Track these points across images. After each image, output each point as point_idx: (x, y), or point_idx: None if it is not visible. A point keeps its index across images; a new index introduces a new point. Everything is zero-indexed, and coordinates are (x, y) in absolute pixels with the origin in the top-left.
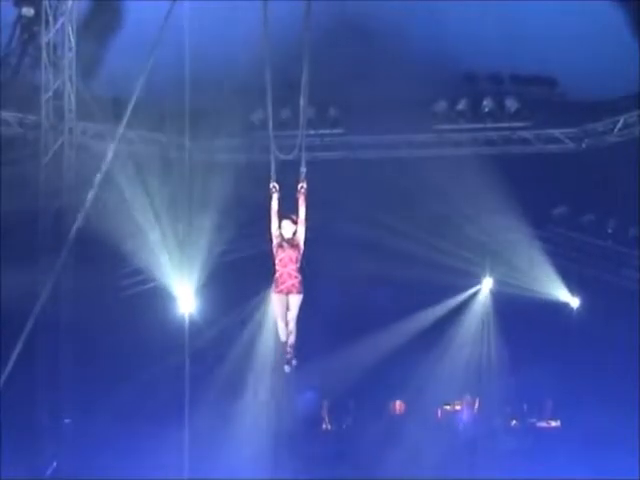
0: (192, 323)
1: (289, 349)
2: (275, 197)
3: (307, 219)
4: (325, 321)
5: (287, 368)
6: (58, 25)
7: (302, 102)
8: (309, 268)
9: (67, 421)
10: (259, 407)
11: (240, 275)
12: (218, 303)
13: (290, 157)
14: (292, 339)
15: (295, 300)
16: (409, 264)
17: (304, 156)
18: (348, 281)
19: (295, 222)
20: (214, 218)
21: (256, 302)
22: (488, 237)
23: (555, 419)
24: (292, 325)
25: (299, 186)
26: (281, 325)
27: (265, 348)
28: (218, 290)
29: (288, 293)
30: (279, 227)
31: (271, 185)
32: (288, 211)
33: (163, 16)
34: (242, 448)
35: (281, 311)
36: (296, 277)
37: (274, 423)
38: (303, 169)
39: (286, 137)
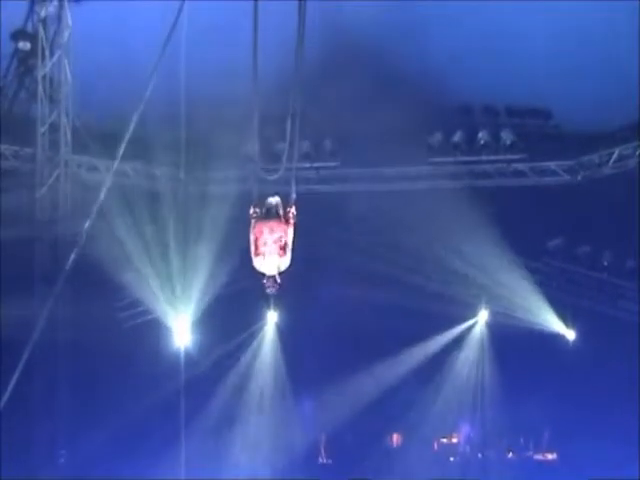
0: (188, 355)
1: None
2: (253, 222)
3: (293, 245)
4: (322, 354)
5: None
6: (54, 59)
7: (290, 127)
8: (305, 301)
9: (62, 452)
10: (255, 440)
11: (236, 307)
12: (214, 335)
13: (274, 177)
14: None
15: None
16: (405, 297)
17: (294, 182)
18: (344, 314)
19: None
20: (209, 250)
21: (251, 334)
22: (484, 269)
23: (552, 451)
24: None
25: (287, 210)
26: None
27: (261, 380)
28: (214, 322)
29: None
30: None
31: (251, 211)
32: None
33: (158, 50)
34: None
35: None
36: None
37: (271, 456)
38: (293, 195)
39: (279, 169)
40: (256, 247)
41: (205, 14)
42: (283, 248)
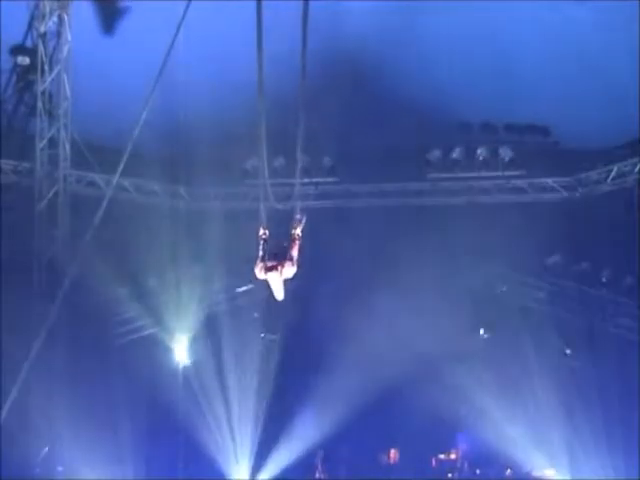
0: (185, 371)
1: None
2: (262, 243)
3: (299, 263)
4: (320, 369)
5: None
6: (53, 74)
7: (298, 151)
8: (303, 317)
9: (60, 469)
10: (253, 455)
11: (234, 323)
12: (212, 351)
13: (286, 207)
14: None
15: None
16: (403, 310)
17: (299, 204)
18: (342, 328)
19: (282, 266)
20: (209, 266)
21: (249, 350)
22: (482, 286)
23: (550, 468)
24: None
25: (293, 232)
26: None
27: (259, 396)
28: (212, 338)
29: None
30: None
31: (261, 232)
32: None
33: (158, 65)
34: None
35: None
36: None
37: (268, 472)
38: (298, 216)
39: (280, 185)
40: (263, 255)
41: (206, 29)
42: (290, 258)
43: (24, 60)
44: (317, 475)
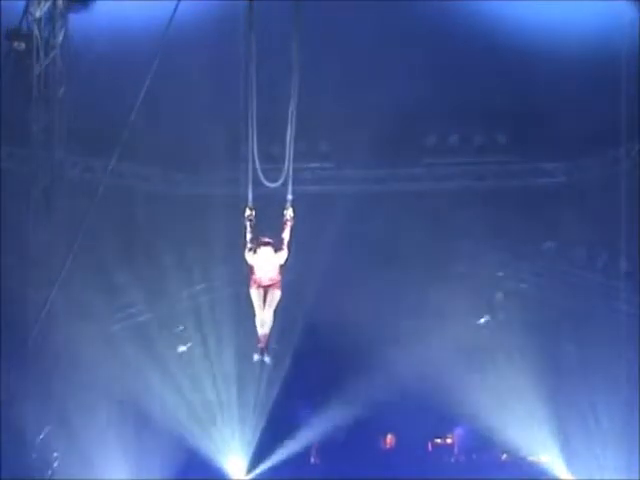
0: (182, 358)
1: (262, 338)
2: (249, 225)
3: (290, 246)
4: (318, 354)
5: (256, 357)
6: (49, 59)
7: (289, 130)
8: (299, 301)
9: (55, 454)
10: (249, 442)
11: (229, 311)
12: (206, 340)
13: (276, 185)
14: (267, 329)
15: (274, 295)
16: (400, 297)
17: (291, 184)
18: (337, 313)
19: (274, 245)
20: (204, 251)
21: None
22: (478, 272)
23: (545, 453)
24: (269, 316)
25: (285, 212)
26: (259, 317)
27: (255, 382)
28: (207, 327)
29: (267, 287)
30: (254, 252)
31: (247, 212)
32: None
33: (153, 49)
34: None
35: (259, 304)
36: (275, 278)
37: (263, 457)
38: (290, 197)
39: (275, 170)
40: (251, 237)
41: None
42: (281, 241)
43: (20, 45)
44: (312, 460)
